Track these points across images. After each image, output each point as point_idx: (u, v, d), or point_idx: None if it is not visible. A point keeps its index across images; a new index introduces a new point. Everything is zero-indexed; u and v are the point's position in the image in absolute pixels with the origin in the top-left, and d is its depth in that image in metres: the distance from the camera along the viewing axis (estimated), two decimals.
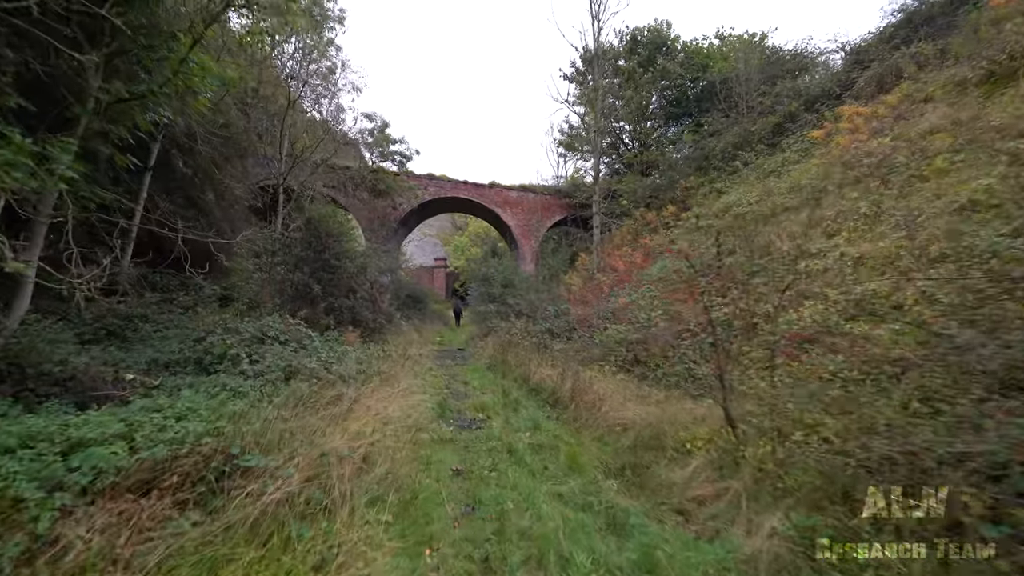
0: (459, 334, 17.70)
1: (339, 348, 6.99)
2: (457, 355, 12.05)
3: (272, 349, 5.94)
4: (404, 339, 11.68)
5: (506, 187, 23.71)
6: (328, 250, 9.08)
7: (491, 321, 12.01)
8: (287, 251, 9.04)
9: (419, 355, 10.84)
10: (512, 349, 9.47)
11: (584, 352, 8.79)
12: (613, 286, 12.29)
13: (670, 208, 15.84)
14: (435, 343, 14.70)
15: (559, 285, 15.29)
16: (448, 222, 52.93)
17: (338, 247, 9.44)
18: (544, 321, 10.43)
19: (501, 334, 10.83)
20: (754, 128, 14.57)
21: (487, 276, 14.12)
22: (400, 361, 8.25)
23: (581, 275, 15.89)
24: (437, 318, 22.76)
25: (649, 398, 6.21)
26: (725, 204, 12.74)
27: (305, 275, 8.73)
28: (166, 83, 5.15)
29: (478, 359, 10.81)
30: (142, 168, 8.99)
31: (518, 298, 12.27)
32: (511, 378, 8.00)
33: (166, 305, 8.09)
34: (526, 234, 23.67)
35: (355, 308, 9.60)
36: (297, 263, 8.87)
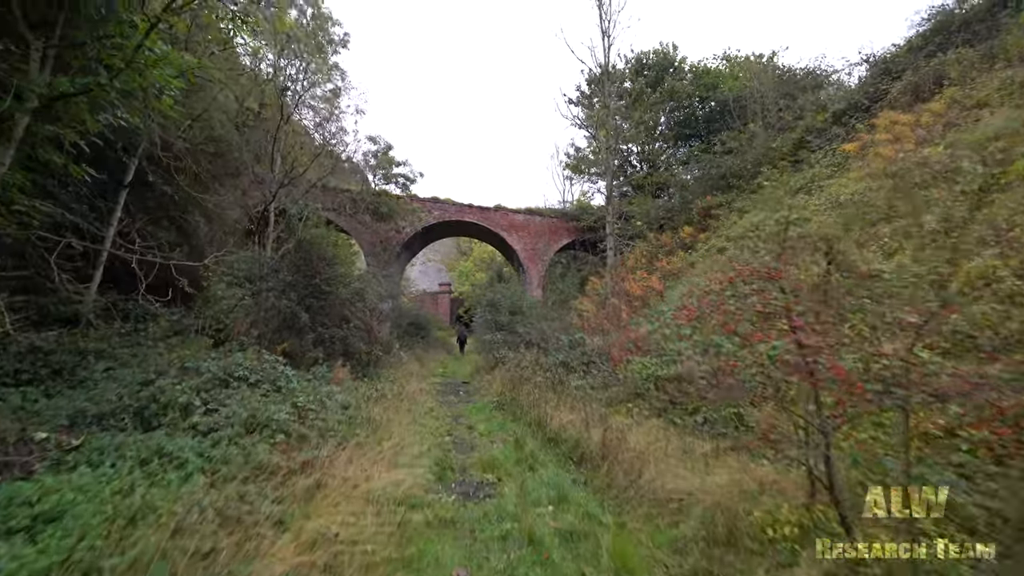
0: (463, 364, 16.52)
1: (323, 389, 5.89)
2: (461, 389, 10.88)
3: (237, 394, 4.85)
4: (403, 372, 10.55)
5: (512, 210, 22.94)
6: (319, 275, 8.09)
7: (498, 351, 10.90)
8: (275, 276, 8.07)
9: (419, 391, 9.69)
10: (523, 385, 8.32)
11: (607, 390, 7.63)
12: (631, 312, 11.19)
13: (687, 229, 14.89)
14: (438, 375, 13.53)
15: (570, 311, 14.21)
16: (453, 247, 52.35)
17: (331, 272, 8.44)
18: (558, 352, 9.29)
19: (510, 367, 9.68)
20: (775, 144, 13.72)
21: (493, 302, 13.08)
22: (396, 402, 7.12)
23: (593, 300, 14.80)
24: (440, 346, 21.62)
25: (694, 451, 5.05)
26: (750, 224, 11.74)
27: (292, 302, 7.71)
28: (117, 75, 4.28)
29: (484, 395, 9.64)
30: (116, 185, 8.18)
31: (527, 326, 11.18)
32: (524, 422, 6.83)
33: (135, 337, 7.06)
34: (533, 258, 22.74)
35: (348, 339, 8.53)
36: (284, 289, 7.86)
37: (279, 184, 8.66)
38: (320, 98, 17.52)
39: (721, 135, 16.43)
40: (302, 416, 4.78)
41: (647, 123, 19.03)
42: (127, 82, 4.33)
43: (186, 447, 3.58)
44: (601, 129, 13.21)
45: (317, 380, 6.83)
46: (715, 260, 11.99)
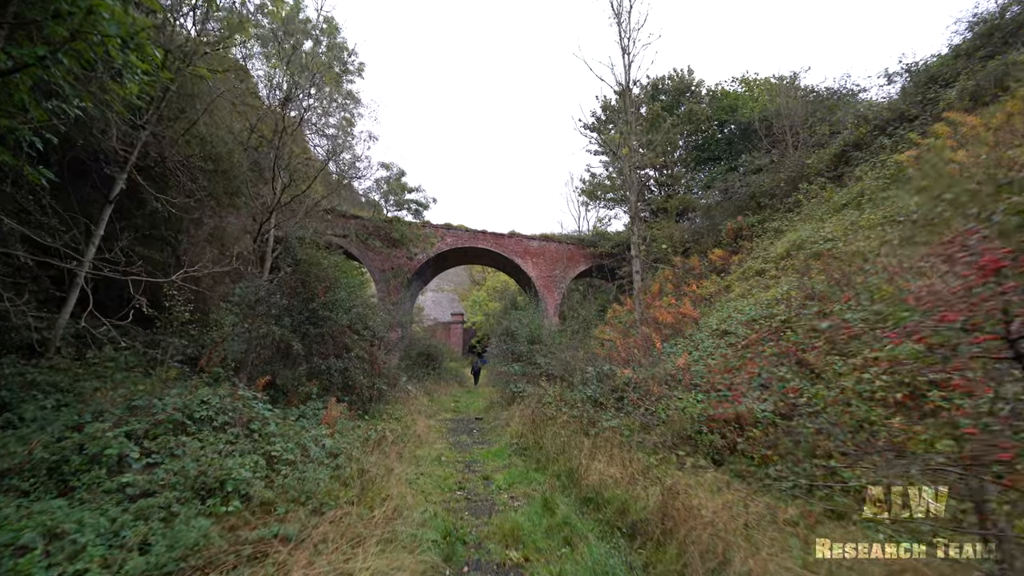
0: (476, 398, 15.27)
1: (309, 434, 4.79)
2: (475, 428, 9.66)
3: (195, 441, 3.79)
4: (411, 408, 9.40)
5: (527, 236, 22.15)
6: (317, 299, 7.15)
7: (516, 384, 9.71)
8: (269, 300, 7.15)
9: (427, 429, 8.50)
10: (546, 425, 7.12)
11: (647, 432, 6.39)
12: (663, 340, 9.98)
13: (717, 252, 13.77)
14: (449, 410, 12.31)
15: (590, 340, 13.02)
16: (466, 277, 51.79)
17: (330, 296, 7.50)
18: (584, 387, 8.09)
19: (529, 402, 8.49)
20: (809, 161, 12.72)
21: (509, 330, 11.98)
22: (399, 446, 5.97)
23: (617, 328, 13.59)
24: (453, 378, 20.39)
25: (776, 517, 3.82)
26: (792, 243, 10.60)
27: (285, 329, 6.73)
28: (61, 48, 3.51)
29: (501, 435, 8.41)
30: (102, 200, 7.47)
31: (548, 356, 10.01)
32: (551, 472, 5.60)
33: (105, 368, 6.11)
34: (549, 286, 21.73)
35: (348, 371, 7.48)
36: (278, 314, 6.91)
37: (276, 200, 7.87)
38: (334, 126, 17.22)
39: (748, 155, 15.54)
40: (273, 471, 3.68)
41: (665, 147, 18.27)
42: (73, 56, 3.54)
43: (89, 524, 2.51)
44: (623, 147, 12.42)
45: (306, 420, 5.75)
46: (754, 283, 10.81)
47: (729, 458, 5.49)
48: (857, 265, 7.85)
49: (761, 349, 7.48)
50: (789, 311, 7.81)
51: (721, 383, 6.91)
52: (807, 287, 8.05)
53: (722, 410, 5.90)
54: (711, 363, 7.81)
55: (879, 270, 7.11)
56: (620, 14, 12.64)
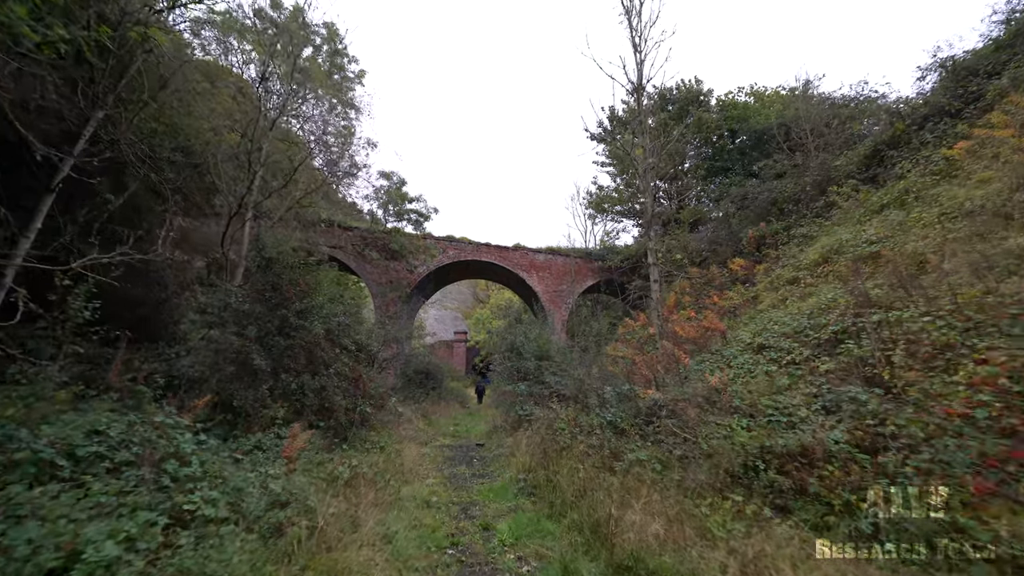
0: (478, 420, 13.93)
1: (252, 474, 3.58)
2: (475, 456, 8.35)
3: (63, 491, 2.60)
4: (402, 433, 8.14)
5: (532, 250, 21.11)
6: (289, 305, 6.01)
7: (522, 407, 8.44)
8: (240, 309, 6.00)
9: (419, 459, 7.23)
10: (561, 458, 5.85)
11: (684, 468, 5.11)
12: (688, 357, 8.73)
13: (738, 261, 12.61)
14: (448, 435, 11.00)
15: (603, 357, 11.77)
16: (469, 295, 50.76)
17: (308, 302, 6.35)
18: (603, 410, 6.84)
19: (539, 428, 7.22)
20: (838, 163, 11.66)
21: (515, 346, 10.76)
22: (376, 485, 4.73)
23: (630, 344, 12.34)
24: (454, 398, 19.04)
25: None
26: (827, 248, 9.43)
27: (247, 339, 5.57)
28: None
29: (505, 467, 7.12)
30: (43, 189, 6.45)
31: (559, 375, 8.77)
32: (569, 523, 4.32)
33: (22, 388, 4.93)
34: (556, 301, 20.56)
35: (326, 390, 6.27)
36: (243, 322, 5.76)
37: (247, 191, 6.79)
38: (332, 133, 16.42)
39: (768, 160, 14.52)
40: (171, 540, 2.46)
41: (674, 157, 17.35)
42: None
43: None
44: (638, 147, 11.43)
45: (262, 452, 4.53)
46: (786, 292, 9.60)
47: (797, 503, 4.22)
48: (919, 265, 6.66)
49: (813, 365, 6.24)
50: (842, 321, 6.62)
51: (770, 406, 5.65)
52: (859, 293, 6.87)
53: (783, 441, 4.64)
54: (752, 382, 6.56)
55: (954, 269, 5.92)
56: (630, 11, 11.82)
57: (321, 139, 16.55)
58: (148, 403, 4.10)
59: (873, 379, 5.15)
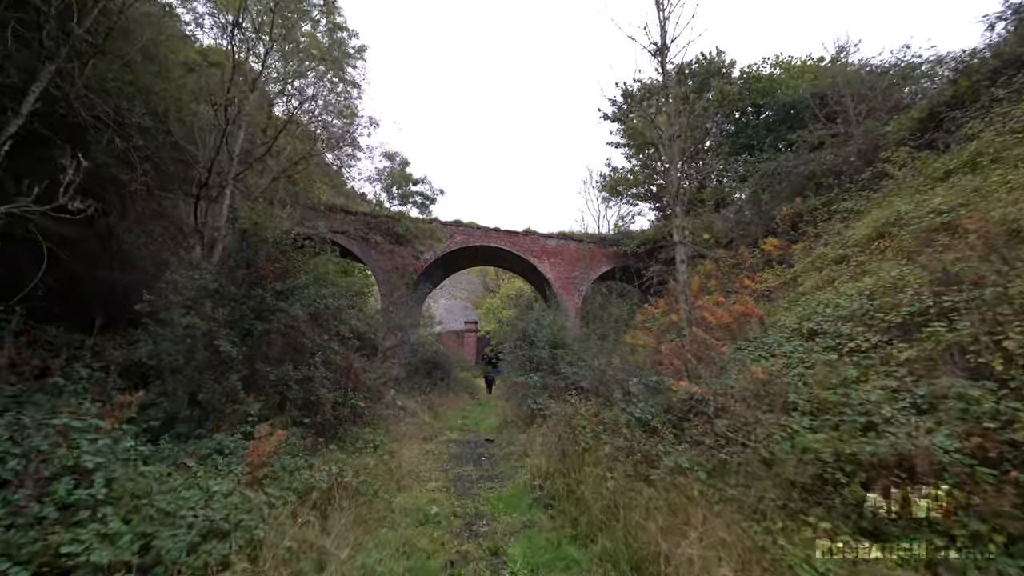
0: (488, 412, 13.10)
1: (184, 495, 2.72)
2: (484, 454, 7.50)
3: None
4: (402, 429, 7.29)
5: (543, 235, 20.09)
6: (264, 284, 5.14)
7: (535, 400, 7.53)
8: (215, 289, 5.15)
9: (419, 460, 6.38)
10: (583, 460, 4.94)
11: (736, 475, 4.15)
12: (721, 345, 7.72)
13: (772, 241, 11.47)
14: (455, 428, 10.17)
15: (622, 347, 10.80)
16: (479, 284, 49.94)
17: (291, 282, 5.48)
18: (630, 405, 5.89)
19: (555, 424, 6.30)
20: (888, 128, 10.41)
21: (527, 334, 9.82)
22: (361, 498, 3.86)
23: (651, 332, 11.33)
24: (463, 388, 18.27)
25: None
26: (881, 222, 8.29)
27: (216, 324, 4.72)
28: None
29: (517, 468, 6.24)
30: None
31: (577, 365, 7.84)
32: (600, 551, 3.40)
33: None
34: (568, 288, 19.57)
35: (312, 383, 5.41)
36: (211, 304, 4.91)
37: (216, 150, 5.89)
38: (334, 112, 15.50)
39: (800, 132, 13.25)
40: None
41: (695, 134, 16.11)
42: None
43: None
44: (661, 115, 10.32)
45: (221, 458, 3.68)
46: (833, 272, 8.49)
47: (898, 529, 3.24)
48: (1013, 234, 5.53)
49: (886, 353, 5.20)
50: (918, 301, 5.57)
51: (839, 403, 4.65)
52: (937, 268, 5.79)
53: (871, 447, 3.65)
54: (808, 373, 5.54)
55: None
56: None
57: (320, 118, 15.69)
58: (70, 396, 3.28)
59: (978, 369, 4.11)
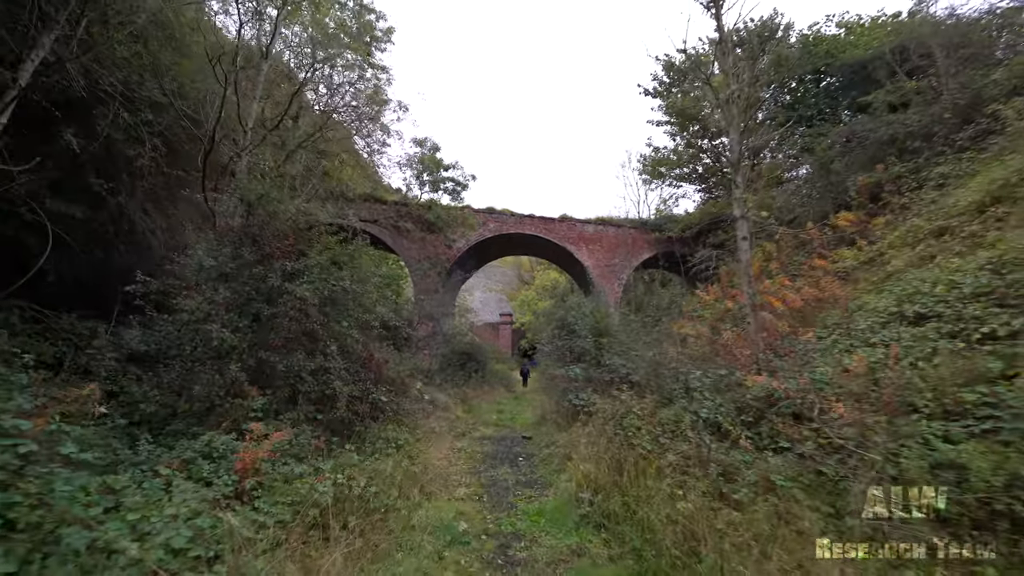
0: (525, 406, 12.32)
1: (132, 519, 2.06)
2: (520, 453, 6.71)
3: None
4: (429, 427, 6.61)
5: (580, 221, 19.03)
6: (273, 262, 4.53)
7: (578, 394, 6.65)
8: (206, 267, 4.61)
9: (448, 460, 5.67)
10: (639, 469, 4.03)
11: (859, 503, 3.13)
12: (807, 333, 6.54)
13: (846, 216, 10.00)
14: (489, 424, 9.44)
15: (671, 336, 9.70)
16: (514, 276, 49.26)
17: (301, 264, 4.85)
18: (694, 403, 4.92)
19: (603, 424, 5.41)
20: (994, 76, 8.72)
21: (566, 322, 8.93)
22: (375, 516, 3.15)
23: (706, 321, 10.14)
24: (498, 381, 17.57)
25: None
26: (996, 183, 6.82)
27: (217, 308, 4.14)
28: None
29: (559, 474, 5.40)
30: None
31: (625, 357, 6.89)
32: None
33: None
34: (608, 276, 18.44)
35: (328, 374, 4.78)
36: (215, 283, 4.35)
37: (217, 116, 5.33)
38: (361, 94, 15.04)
39: (878, 91, 11.55)
40: None
41: (754, 91, 14.49)
42: None
43: None
44: (716, 77, 9.10)
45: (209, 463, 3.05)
46: (933, 247, 7.10)
47: None
48: None
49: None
50: None
51: (982, 403, 3.51)
52: None
53: None
54: (926, 366, 4.38)
55: None
56: None
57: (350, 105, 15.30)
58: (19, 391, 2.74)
59: None
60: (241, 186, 4.73)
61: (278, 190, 5.02)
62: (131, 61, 5.99)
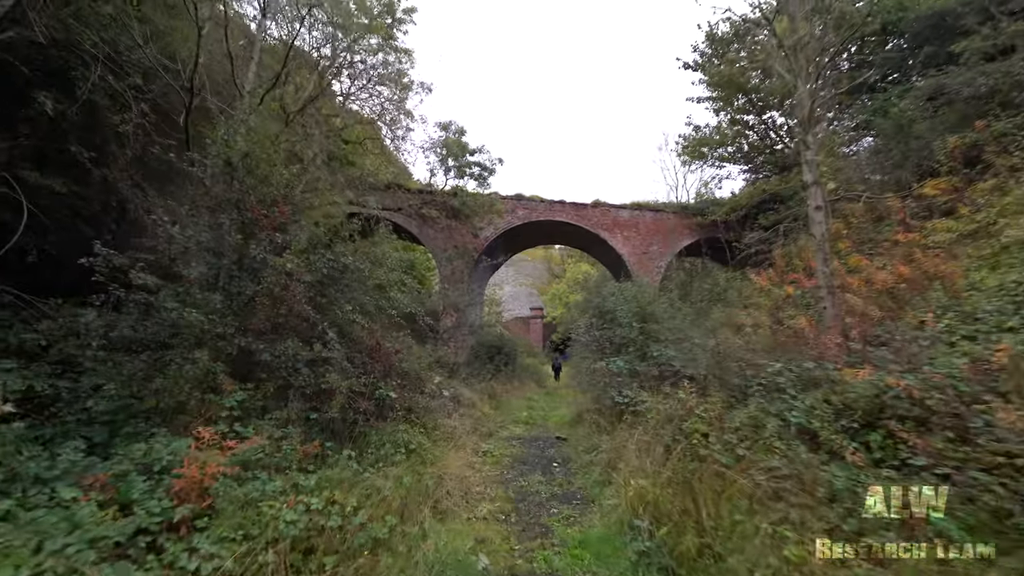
0: (558, 402, 11.38)
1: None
2: (555, 457, 5.77)
3: None
4: (450, 426, 5.77)
5: (615, 206, 17.82)
6: (252, 231, 3.77)
7: (620, 390, 5.63)
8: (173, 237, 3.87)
9: (471, 466, 4.82)
10: (714, 489, 3.02)
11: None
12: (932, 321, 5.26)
13: (935, 183, 8.45)
14: (519, 421, 8.55)
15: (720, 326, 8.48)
16: (544, 270, 48.20)
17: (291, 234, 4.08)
18: (783, 402, 3.84)
19: (658, 428, 4.39)
20: None
21: (604, 310, 7.89)
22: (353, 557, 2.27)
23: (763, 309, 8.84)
24: (529, 375, 16.69)
25: None
26: None
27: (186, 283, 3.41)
28: None
29: (603, 486, 4.43)
30: None
31: (677, 347, 5.81)
32: None
33: None
34: (645, 265, 17.18)
35: (328, 365, 4.00)
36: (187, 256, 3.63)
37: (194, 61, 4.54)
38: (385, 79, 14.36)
39: (971, 39, 9.78)
40: None
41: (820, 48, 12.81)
42: None
43: None
44: (779, 22, 7.80)
45: (146, 480, 2.28)
46: None
47: None
48: None
49: None
50: None
51: None
52: None
53: None
54: None
55: None
56: None
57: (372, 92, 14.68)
58: None
59: None
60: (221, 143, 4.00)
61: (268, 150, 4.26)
62: (117, 20, 5.38)
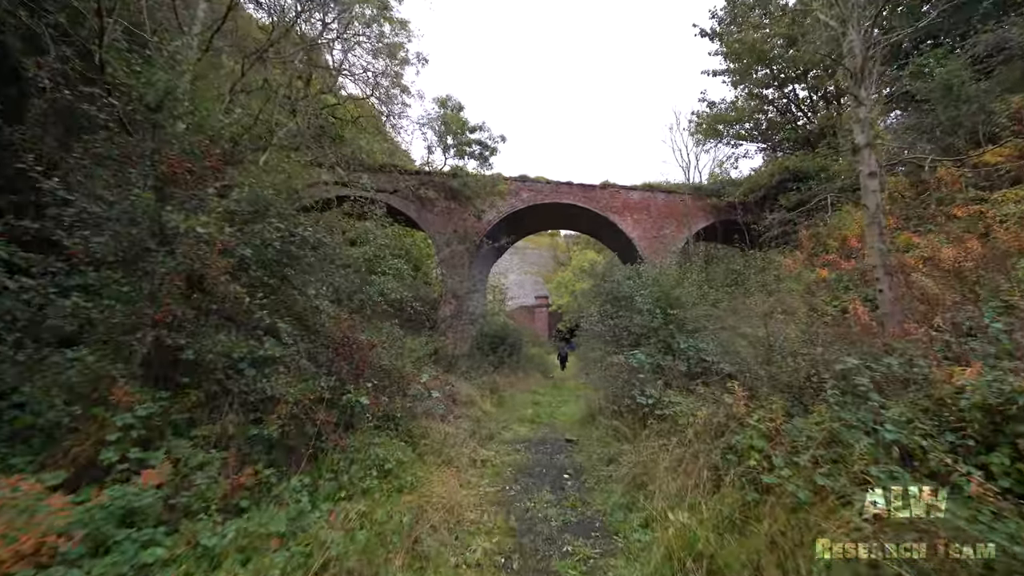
0: (566, 396, 10.50)
1: None
2: (565, 467, 4.89)
3: None
4: (443, 432, 4.88)
5: (625, 187, 16.74)
6: (174, 194, 2.84)
7: (643, 389, 4.72)
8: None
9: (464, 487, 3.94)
10: (800, 539, 2.10)
11: None
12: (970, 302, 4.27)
13: (996, 151, 7.37)
14: (524, 420, 7.67)
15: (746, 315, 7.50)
16: (550, 258, 47.14)
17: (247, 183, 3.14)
18: (848, 409, 2.89)
19: (697, 444, 3.46)
20: None
21: (618, 295, 6.95)
22: None
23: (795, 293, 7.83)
24: (534, 366, 15.84)
25: None
26: None
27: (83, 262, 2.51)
28: None
29: (627, 513, 3.53)
30: None
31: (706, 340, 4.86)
32: None
33: None
34: (657, 249, 16.16)
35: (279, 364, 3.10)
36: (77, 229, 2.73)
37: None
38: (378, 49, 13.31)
39: None
40: None
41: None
42: None
43: None
44: None
45: None
46: None
47: None
48: None
49: None
50: None
51: None
52: None
53: None
54: None
55: None
56: None
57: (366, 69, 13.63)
58: None
59: None
60: (136, 78, 3.05)
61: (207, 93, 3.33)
62: None
